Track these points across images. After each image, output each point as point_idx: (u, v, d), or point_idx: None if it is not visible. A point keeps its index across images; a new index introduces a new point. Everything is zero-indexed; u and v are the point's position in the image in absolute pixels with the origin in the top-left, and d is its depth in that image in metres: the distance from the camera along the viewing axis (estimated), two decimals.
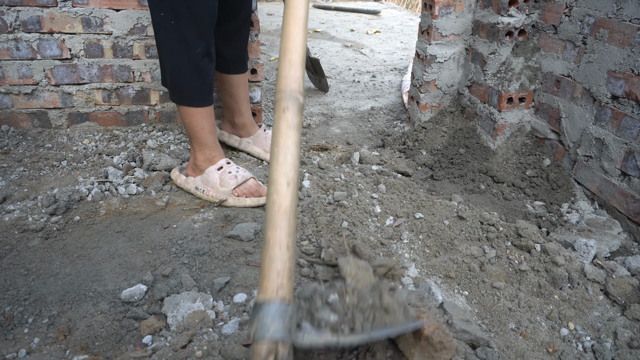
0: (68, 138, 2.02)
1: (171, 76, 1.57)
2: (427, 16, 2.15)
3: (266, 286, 0.84)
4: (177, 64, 1.53)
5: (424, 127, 2.27)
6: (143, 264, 1.33)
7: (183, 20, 1.45)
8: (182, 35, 1.47)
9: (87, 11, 1.90)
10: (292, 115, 0.95)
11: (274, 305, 0.81)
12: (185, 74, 1.54)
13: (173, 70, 1.55)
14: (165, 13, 1.45)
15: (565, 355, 1.10)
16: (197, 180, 1.67)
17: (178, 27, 1.46)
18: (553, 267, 1.32)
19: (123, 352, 1.06)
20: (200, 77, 1.56)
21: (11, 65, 1.91)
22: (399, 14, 6.26)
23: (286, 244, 0.85)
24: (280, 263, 0.85)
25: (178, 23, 1.45)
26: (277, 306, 0.81)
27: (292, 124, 0.94)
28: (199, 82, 1.56)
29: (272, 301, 0.82)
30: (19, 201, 1.58)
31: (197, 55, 1.51)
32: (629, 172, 1.55)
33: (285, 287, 0.83)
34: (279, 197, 0.89)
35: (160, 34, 1.50)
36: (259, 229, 1.47)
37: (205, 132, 1.64)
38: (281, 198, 0.88)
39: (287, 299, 0.83)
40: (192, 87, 1.57)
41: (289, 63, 0.98)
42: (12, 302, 1.17)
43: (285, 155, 0.92)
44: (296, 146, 0.93)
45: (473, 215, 1.54)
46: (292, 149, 0.92)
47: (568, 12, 1.77)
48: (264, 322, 0.80)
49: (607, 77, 1.61)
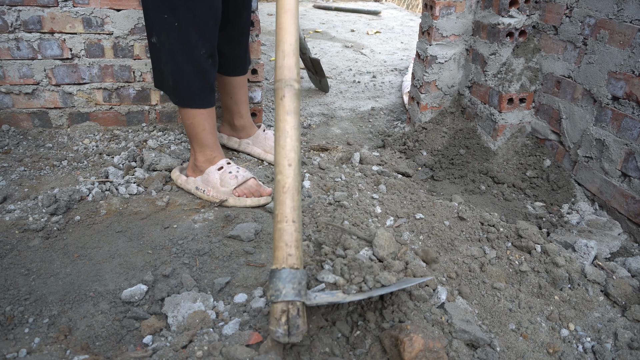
0: (68, 138, 2.02)
1: (173, 78, 1.55)
2: (428, 17, 2.15)
3: (277, 255, 0.97)
4: (179, 66, 1.52)
5: (424, 127, 2.27)
6: (143, 264, 1.33)
7: (187, 22, 1.44)
8: (186, 37, 1.46)
9: (88, 11, 1.90)
10: (288, 102, 1.05)
11: (284, 272, 0.94)
12: (187, 75, 1.53)
13: (175, 72, 1.54)
14: (168, 15, 1.44)
15: (565, 356, 1.10)
16: (198, 180, 1.67)
17: (181, 28, 1.45)
18: (553, 268, 1.32)
19: (123, 352, 1.06)
20: (203, 78, 1.55)
21: (12, 65, 1.91)
22: (400, 15, 6.26)
23: (291, 218, 0.98)
24: (287, 234, 0.97)
25: (181, 25, 1.45)
26: (287, 272, 0.94)
27: (289, 109, 1.04)
28: (201, 83, 1.56)
29: (282, 268, 0.95)
30: (20, 201, 1.59)
31: (202, 56, 1.51)
32: (630, 173, 1.55)
33: (294, 255, 0.96)
34: (282, 177, 1.01)
35: (161, 36, 1.48)
36: (260, 229, 1.47)
37: (206, 133, 1.64)
38: (284, 178, 1.00)
39: (295, 265, 0.95)
40: (194, 89, 1.56)
41: (282, 53, 1.07)
42: (13, 302, 1.17)
43: (285, 139, 1.03)
44: (295, 129, 1.03)
45: (473, 215, 1.54)
46: (290, 133, 1.03)
47: (568, 13, 1.77)
48: (277, 286, 0.93)
49: (607, 78, 1.62)
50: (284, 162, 1.01)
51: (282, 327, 0.92)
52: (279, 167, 1.02)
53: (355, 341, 1.04)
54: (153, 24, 1.49)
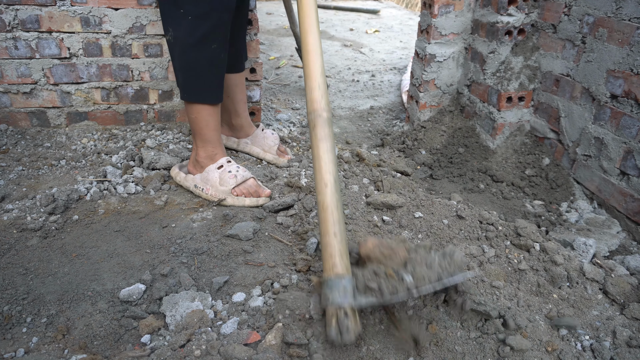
0: (67, 137, 2.02)
1: (183, 72, 1.57)
2: (427, 15, 2.15)
3: (325, 267, 1.08)
4: (190, 60, 1.54)
5: (423, 126, 2.27)
6: (142, 263, 1.33)
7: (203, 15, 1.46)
8: (199, 31, 1.48)
9: (86, 10, 1.89)
10: (320, 130, 1.18)
11: (330, 281, 1.04)
12: (198, 69, 1.55)
13: (185, 67, 1.56)
14: (180, 8, 1.46)
15: (564, 354, 1.10)
16: (197, 178, 1.67)
17: (193, 22, 1.47)
18: (552, 266, 1.32)
19: (121, 352, 1.06)
20: (213, 73, 1.57)
21: (10, 64, 1.91)
22: (399, 13, 6.25)
23: (333, 232, 1.09)
24: (331, 247, 1.08)
25: (194, 18, 1.46)
26: (333, 281, 1.04)
27: (321, 136, 1.18)
28: (211, 77, 1.57)
29: (329, 277, 1.05)
30: (18, 200, 1.58)
31: (214, 51, 1.52)
32: (628, 171, 1.55)
33: (338, 265, 1.06)
34: (321, 197, 1.13)
35: (175, 31, 1.51)
36: (258, 228, 1.47)
37: (210, 129, 1.64)
38: (323, 197, 1.13)
39: (340, 274, 1.05)
40: (204, 84, 1.58)
41: (310, 89, 1.23)
42: (11, 302, 1.17)
43: (320, 163, 1.16)
44: (329, 153, 1.17)
45: (472, 214, 1.54)
46: (324, 157, 1.16)
47: (567, 11, 1.77)
48: (326, 293, 1.04)
49: (606, 76, 1.61)
50: (321, 183, 1.14)
51: (333, 330, 1.01)
52: (317, 188, 1.15)
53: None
54: (167, 19, 1.52)
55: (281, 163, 1.95)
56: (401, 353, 1.07)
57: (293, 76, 3.45)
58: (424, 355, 1.08)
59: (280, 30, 4.86)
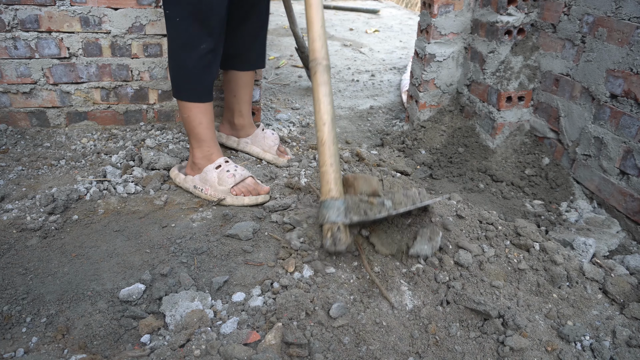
0: (66, 137, 2.02)
1: (173, 71, 1.62)
2: (426, 15, 2.15)
3: (322, 191, 1.30)
4: (179, 59, 1.58)
5: (423, 126, 2.27)
6: (141, 263, 1.33)
7: (188, 16, 1.49)
8: (187, 31, 1.52)
9: (86, 10, 1.89)
10: (320, 76, 1.35)
11: (327, 202, 1.27)
12: (185, 68, 1.58)
13: (174, 65, 1.60)
14: (173, 9, 1.50)
15: (564, 354, 1.10)
16: (196, 179, 1.67)
17: (182, 22, 1.50)
18: (552, 266, 1.32)
19: (121, 352, 1.06)
20: (200, 73, 1.59)
21: (9, 64, 1.91)
22: (398, 13, 6.25)
23: (329, 163, 1.30)
24: (328, 175, 1.29)
25: (183, 19, 1.50)
26: (329, 202, 1.26)
27: (320, 81, 1.35)
28: (198, 77, 1.59)
29: (326, 200, 1.27)
30: (17, 200, 1.58)
31: (201, 51, 1.54)
32: (628, 171, 1.55)
33: (333, 189, 1.28)
34: (319, 134, 1.32)
35: (169, 30, 1.56)
36: (258, 228, 1.47)
37: (203, 127, 1.65)
38: (320, 134, 1.32)
39: (335, 197, 1.27)
40: (191, 82, 1.60)
41: (312, 40, 1.38)
42: (10, 302, 1.17)
43: (319, 105, 1.33)
44: (326, 96, 1.34)
45: (472, 214, 1.54)
46: (323, 99, 1.34)
47: (567, 10, 1.77)
48: (322, 212, 1.26)
49: (605, 76, 1.61)
50: (320, 122, 1.32)
51: (329, 240, 1.22)
52: (317, 126, 1.33)
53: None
54: (166, 19, 1.56)
55: (281, 163, 1.95)
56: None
57: (293, 76, 3.45)
58: (424, 355, 1.08)
59: (280, 30, 4.85)
